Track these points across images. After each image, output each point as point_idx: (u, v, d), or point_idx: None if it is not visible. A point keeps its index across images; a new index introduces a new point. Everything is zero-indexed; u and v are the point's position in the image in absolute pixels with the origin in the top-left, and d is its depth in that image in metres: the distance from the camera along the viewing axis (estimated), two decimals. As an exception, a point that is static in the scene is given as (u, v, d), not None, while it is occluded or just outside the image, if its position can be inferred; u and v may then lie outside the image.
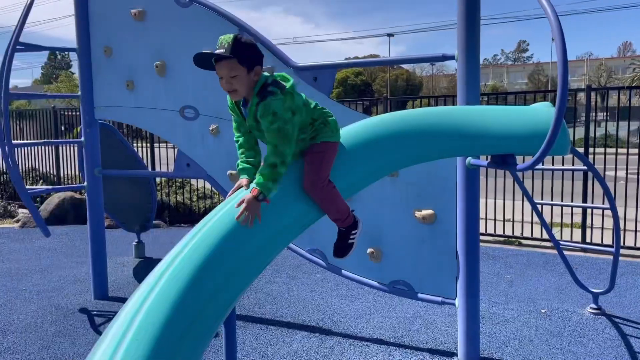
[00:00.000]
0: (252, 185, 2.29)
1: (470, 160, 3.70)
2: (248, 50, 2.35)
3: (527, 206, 7.69)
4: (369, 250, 4.17)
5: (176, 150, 4.93)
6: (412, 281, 4.09)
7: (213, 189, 8.97)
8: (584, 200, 7.06)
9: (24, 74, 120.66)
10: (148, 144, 10.15)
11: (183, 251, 2.15)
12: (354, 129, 2.79)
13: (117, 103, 4.96)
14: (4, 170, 11.52)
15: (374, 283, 4.21)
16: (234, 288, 2.22)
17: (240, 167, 2.52)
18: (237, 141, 2.58)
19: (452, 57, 3.74)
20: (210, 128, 4.55)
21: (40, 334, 4.46)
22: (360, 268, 4.26)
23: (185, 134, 4.69)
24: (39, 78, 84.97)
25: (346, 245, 2.72)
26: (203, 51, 2.35)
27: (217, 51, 2.33)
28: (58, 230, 8.49)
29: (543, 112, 2.97)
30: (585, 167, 5.01)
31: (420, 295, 4.07)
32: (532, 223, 7.56)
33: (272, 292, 5.50)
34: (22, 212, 9.98)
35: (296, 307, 5.02)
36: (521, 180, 4.71)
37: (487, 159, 3.38)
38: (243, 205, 2.23)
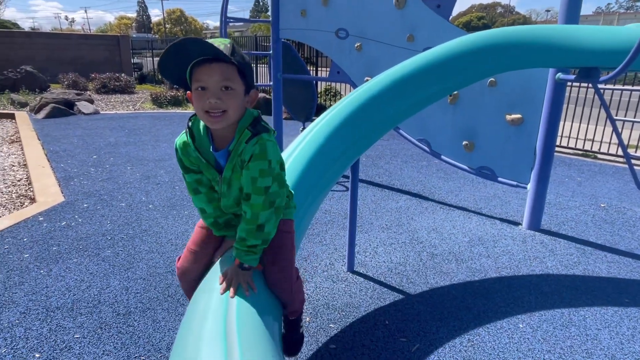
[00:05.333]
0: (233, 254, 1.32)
1: (559, 75, 3.32)
2: (249, 64, 1.27)
3: (609, 131, 6.66)
4: (464, 142, 4.05)
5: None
6: (495, 167, 3.94)
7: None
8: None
9: (235, 15, 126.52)
10: (313, 67, 10.36)
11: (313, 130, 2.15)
12: (469, 38, 2.62)
13: (294, 26, 5.11)
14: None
15: (465, 167, 4.13)
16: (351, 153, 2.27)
17: (218, 232, 1.46)
18: (202, 211, 1.44)
19: (559, -14, 3.24)
20: (356, 45, 4.55)
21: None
22: (456, 155, 4.18)
23: (337, 50, 4.75)
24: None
25: (300, 337, 1.70)
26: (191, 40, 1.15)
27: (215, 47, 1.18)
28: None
29: (633, 30, 2.52)
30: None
31: (499, 178, 3.93)
32: (610, 143, 6.60)
33: (389, 169, 5.65)
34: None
35: (404, 180, 5.14)
36: (603, 96, 4.09)
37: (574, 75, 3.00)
38: (226, 281, 1.26)
